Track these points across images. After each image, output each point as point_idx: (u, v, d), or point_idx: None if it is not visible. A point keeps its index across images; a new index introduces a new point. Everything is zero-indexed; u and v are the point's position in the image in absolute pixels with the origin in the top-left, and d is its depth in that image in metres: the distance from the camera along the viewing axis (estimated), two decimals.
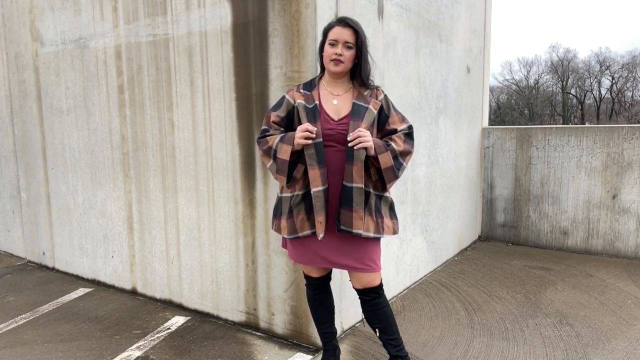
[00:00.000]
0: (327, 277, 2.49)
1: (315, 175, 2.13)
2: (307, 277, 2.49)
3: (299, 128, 2.14)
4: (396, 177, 2.21)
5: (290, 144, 2.15)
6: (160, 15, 3.31)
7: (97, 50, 3.77)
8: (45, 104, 4.30)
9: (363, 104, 2.20)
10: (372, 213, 2.21)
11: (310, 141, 2.12)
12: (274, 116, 2.29)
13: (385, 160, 2.16)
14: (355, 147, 2.10)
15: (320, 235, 2.15)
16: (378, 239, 2.27)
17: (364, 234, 2.16)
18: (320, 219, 2.14)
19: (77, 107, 4.02)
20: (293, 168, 2.20)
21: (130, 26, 3.50)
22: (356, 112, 2.17)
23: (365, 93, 2.24)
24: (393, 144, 2.19)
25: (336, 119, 2.20)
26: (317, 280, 2.46)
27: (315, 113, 2.18)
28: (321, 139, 2.14)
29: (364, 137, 2.09)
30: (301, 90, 2.27)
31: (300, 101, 2.22)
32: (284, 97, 2.32)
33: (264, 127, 2.34)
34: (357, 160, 2.12)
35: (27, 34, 4.33)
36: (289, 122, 2.29)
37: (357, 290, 2.35)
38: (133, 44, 3.51)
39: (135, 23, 3.47)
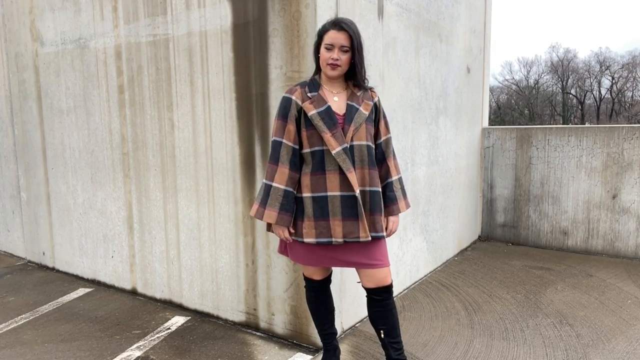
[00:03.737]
0: (328, 279, 2.50)
1: (353, 178, 2.16)
2: (308, 279, 2.48)
3: (282, 236, 2.26)
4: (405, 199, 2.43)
5: (272, 218, 2.20)
6: (160, 15, 3.31)
7: (97, 50, 3.77)
8: (45, 104, 4.30)
9: (355, 105, 2.24)
10: (382, 212, 2.26)
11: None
12: (291, 127, 2.20)
13: (403, 208, 2.39)
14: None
15: (366, 238, 2.18)
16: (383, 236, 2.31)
17: (379, 234, 2.24)
18: (364, 221, 2.17)
19: (77, 107, 4.02)
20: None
21: (130, 26, 3.50)
22: (348, 115, 2.22)
23: (359, 94, 2.27)
24: (394, 189, 2.34)
25: (341, 114, 2.23)
26: (318, 283, 2.46)
27: (332, 116, 2.19)
28: (347, 145, 2.17)
29: (395, 229, 2.39)
30: (309, 95, 2.23)
31: (312, 112, 2.18)
32: (290, 100, 2.23)
33: (277, 138, 2.22)
34: (363, 163, 2.24)
35: (27, 34, 4.33)
36: (297, 125, 2.27)
37: (368, 289, 2.31)
38: (133, 44, 3.51)
39: (135, 23, 3.47)
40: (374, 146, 2.29)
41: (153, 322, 3.30)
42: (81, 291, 3.93)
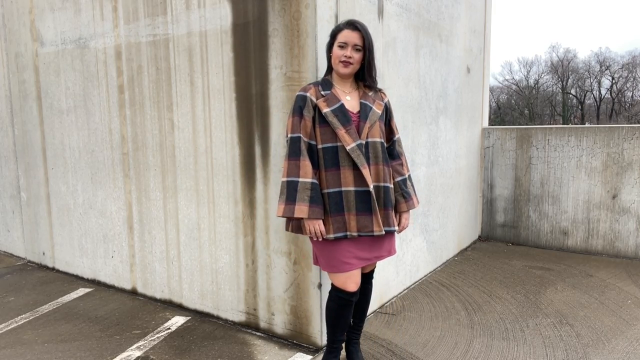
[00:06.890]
0: (358, 293, 2.39)
1: (367, 173, 2.22)
2: (341, 291, 2.29)
3: (314, 231, 2.20)
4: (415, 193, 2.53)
5: (304, 212, 2.15)
6: (160, 15, 3.31)
7: (97, 50, 3.77)
8: (45, 104, 4.30)
9: (368, 104, 2.31)
10: (393, 207, 2.37)
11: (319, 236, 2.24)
12: (308, 123, 2.21)
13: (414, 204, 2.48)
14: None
15: (380, 232, 2.25)
16: None
17: (392, 228, 2.35)
18: (378, 216, 2.24)
19: (77, 107, 4.02)
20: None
21: (130, 26, 3.50)
22: (363, 112, 2.28)
23: (370, 94, 2.35)
24: (409, 188, 2.45)
25: (354, 112, 2.29)
26: (349, 295, 2.29)
27: (346, 114, 2.24)
28: (361, 140, 2.23)
29: (407, 225, 2.48)
30: (322, 93, 2.26)
31: (326, 110, 2.21)
32: (305, 97, 2.23)
33: (295, 135, 2.20)
34: (379, 160, 2.30)
35: (27, 34, 4.33)
36: (312, 122, 2.29)
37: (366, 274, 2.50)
38: (133, 44, 3.51)
39: (135, 23, 3.47)
40: (386, 144, 2.40)
41: (153, 322, 3.30)
42: (81, 291, 3.93)
